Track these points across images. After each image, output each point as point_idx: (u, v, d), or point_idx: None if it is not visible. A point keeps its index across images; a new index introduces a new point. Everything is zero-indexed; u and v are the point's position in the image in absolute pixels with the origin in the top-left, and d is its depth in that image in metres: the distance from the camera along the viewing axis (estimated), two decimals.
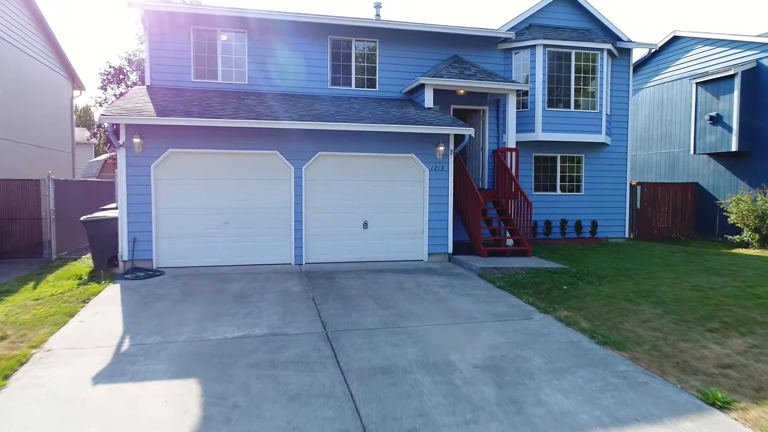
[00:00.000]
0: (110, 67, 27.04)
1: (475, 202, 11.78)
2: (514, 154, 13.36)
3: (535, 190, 15.05)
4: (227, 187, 10.67)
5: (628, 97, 15.64)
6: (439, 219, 11.60)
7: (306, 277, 9.82)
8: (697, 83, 17.47)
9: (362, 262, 11.28)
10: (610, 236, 15.55)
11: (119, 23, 72.85)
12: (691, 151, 17.85)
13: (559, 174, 15.20)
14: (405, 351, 6.00)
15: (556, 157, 15.18)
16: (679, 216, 18.12)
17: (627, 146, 15.67)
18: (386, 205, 11.45)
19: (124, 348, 6.06)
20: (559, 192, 15.22)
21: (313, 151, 10.93)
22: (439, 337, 6.49)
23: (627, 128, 15.66)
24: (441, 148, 11.32)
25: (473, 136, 10.98)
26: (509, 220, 12.57)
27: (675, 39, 18.84)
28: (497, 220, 12.95)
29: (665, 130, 19.70)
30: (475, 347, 6.14)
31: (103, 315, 7.35)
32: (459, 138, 11.90)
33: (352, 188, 11.28)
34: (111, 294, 8.49)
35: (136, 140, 9.97)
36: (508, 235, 12.70)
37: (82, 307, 7.76)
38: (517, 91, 13.36)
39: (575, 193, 15.34)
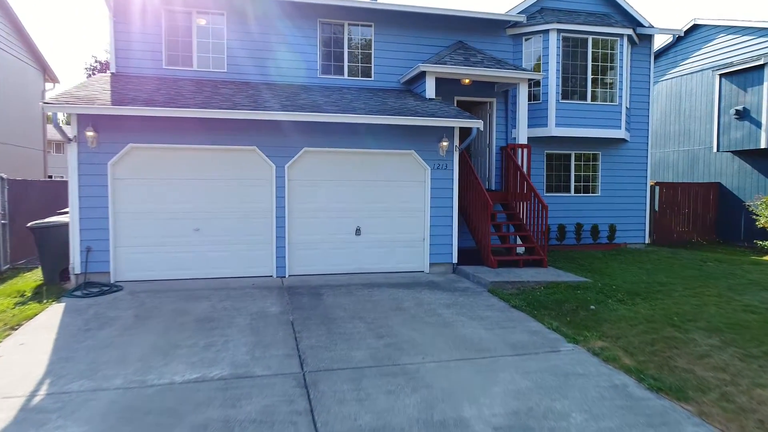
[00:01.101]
0: (96, 61, 25.61)
1: (483, 205, 10.37)
2: (525, 151, 11.96)
3: (547, 190, 13.64)
4: (198, 189, 9.25)
5: (649, 88, 14.23)
6: (442, 224, 10.18)
7: (287, 294, 8.39)
8: (721, 75, 16.07)
9: (354, 274, 9.86)
10: (629, 242, 14.14)
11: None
12: (714, 149, 16.45)
13: (573, 173, 13.80)
14: (403, 402, 4.60)
15: (570, 155, 13.78)
16: (700, 219, 16.72)
17: (647, 143, 14.27)
18: (382, 209, 10.04)
19: (37, 399, 4.64)
20: (573, 193, 13.82)
21: (297, 146, 9.51)
22: (446, 380, 5.08)
23: (647, 122, 14.26)
24: (444, 144, 9.91)
25: (481, 129, 9.58)
26: (521, 226, 11.15)
27: (695, 27, 17.44)
28: (507, 224, 11.54)
29: (683, 126, 18.31)
30: (493, 396, 4.74)
31: (29, 348, 5.92)
32: (465, 132, 10.49)
33: (342, 189, 9.86)
34: (49, 317, 7.05)
35: (90, 134, 8.54)
36: (519, 242, 11.29)
37: (8, 335, 6.33)
38: (529, 80, 11.96)
39: (591, 195, 13.93)
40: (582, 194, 13.87)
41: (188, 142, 9.11)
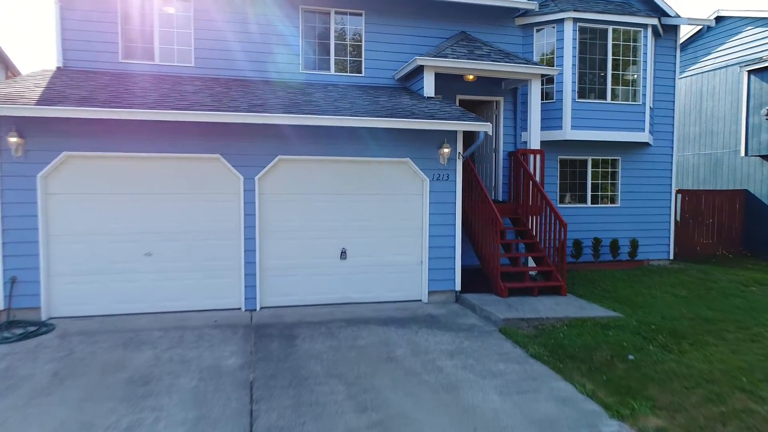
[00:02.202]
0: None
1: (491, 220, 8.83)
2: (539, 157, 10.42)
3: (561, 201, 12.11)
4: (150, 205, 7.70)
5: (674, 85, 12.70)
6: (443, 245, 8.64)
7: (254, 336, 6.85)
8: (749, 71, 14.53)
9: (339, 306, 8.31)
10: (651, 257, 12.61)
11: None
12: (741, 153, 14.92)
13: (590, 181, 12.26)
14: None
15: (586, 161, 12.25)
16: (725, 230, 15.19)
17: (672, 146, 12.74)
18: (372, 228, 8.50)
19: None
20: (589, 204, 12.28)
21: (270, 154, 7.96)
22: None
23: (672, 124, 12.73)
24: (445, 150, 8.37)
25: (489, 133, 8.06)
26: (534, 245, 9.61)
27: (718, 20, 15.89)
28: (517, 243, 9.99)
29: (705, 128, 16.78)
30: None
31: None
32: (469, 137, 8.97)
33: (324, 205, 8.31)
34: None
35: (13, 139, 6.99)
36: (532, 263, 9.76)
37: None
38: (542, 76, 10.42)
39: (610, 205, 12.40)
40: (600, 205, 12.34)
41: (138, 149, 7.56)
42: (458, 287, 8.72)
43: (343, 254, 8.39)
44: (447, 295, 8.71)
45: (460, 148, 8.57)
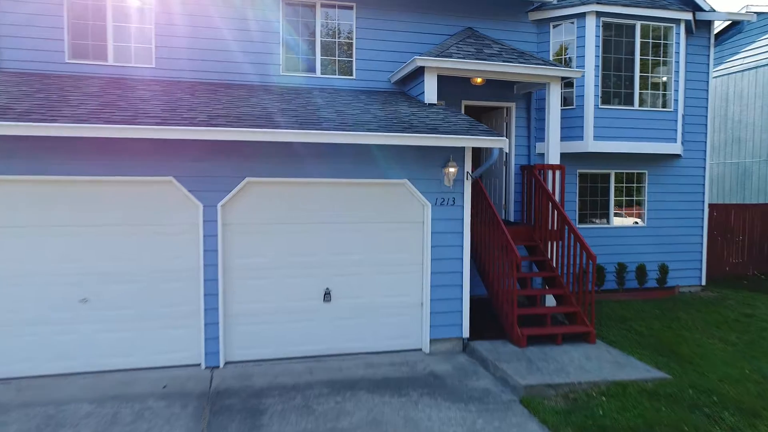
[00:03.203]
0: None
1: (503, 249, 7.37)
2: (558, 174, 8.96)
3: (581, 221, 10.64)
4: (89, 240, 6.23)
5: (707, 89, 11.23)
6: (448, 283, 7.17)
7: (209, 411, 5.37)
8: None
9: (321, 359, 6.84)
10: (681, 283, 11.14)
11: None
12: None
13: (612, 198, 10.79)
14: None
15: (608, 175, 10.77)
16: (756, 247, 13.72)
17: (705, 157, 11.26)
18: (362, 263, 7.03)
19: None
20: (612, 224, 10.81)
21: (236, 176, 6.49)
22: None
23: (705, 132, 11.25)
24: (451, 170, 6.90)
25: (506, 150, 6.61)
26: (555, 279, 8.14)
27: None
28: (535, 276, 8.51)
29: (732, 134, 15.34)
30: None
31: None
32: (479, 151, 7.50)
33: (304, 236, 6.84)
34: None
35: None
36: (553, 300, 8.30)
37: None
38: (562, 79, 8.95)
39: (635, 225, 10.93)
40: (624, 225, 10.87)
41: (74, 171, 6.09)
42: (466, 334, 7.25)
43: (327, 296, 6.92)
44: (453, 344, 7.23)
45: (468, 167, 7.10)
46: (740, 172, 15.14)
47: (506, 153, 10.03)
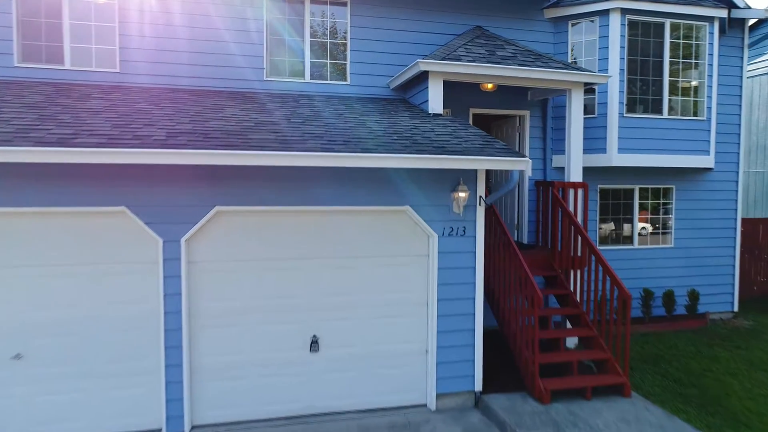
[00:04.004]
0: None
1: (521, 282, 6.28)
2: (581, 192, 7.87)
3: (601, 242, 9.54)
4: (24, 283, 5.13)
5: (740, 94, 10.13)
6: (457, 328, 6.08)
7: None
8: None
9: (306, 420, 5.74)
10: (711, 309, 10.04)
11: None
12: None
13: (636, 216, 9.70)
14: None
15: (632, 191, 9.68)
16: None
17: (738, 170, 10.16)
18: (356, 304, 5.93)
19: None
20: (637, 245, 9.72)
21: (203, 204, 5.39)
22: None
23: (738, 141, 10.14)
24: (461, 195, 5.80)
25: (529, 173, 5.52)
26: (580, 318, 7.04)
27: None
28: (557, 312, 7.42)
29: (757, 141, 14.26)
30: None
31: None
32: (491, 172, 6.41)
33: (286, 274, 5.74)
34: None
35: None
36: (577, 341, 7.21)
37: None
38: (585, 85, 7.86)
39: (661, 246, 9.84)
40: (649, 246, 9.78)
41: (5, 202, 5.00)
42: (478, 386, 6.15)
43: (314, 344, 5.82)
44: (463, 398, 6.13)
45: (481, 190, 6.00)
46: (766, 182, 14.06)
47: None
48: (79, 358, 5.26)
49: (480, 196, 5.98)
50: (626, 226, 9.69)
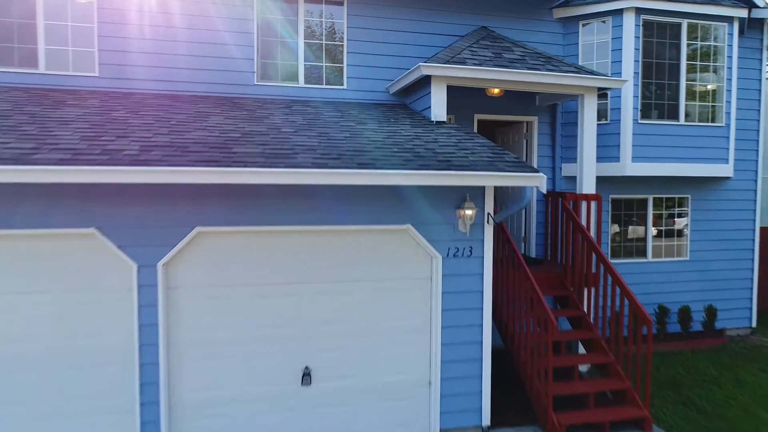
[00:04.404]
0: None
1: (532, 304, 5.76)
2: (594, 205, 7.35)
3: (613, 255, 9.02)
4: None
5: (759, 98, 9.62)
6: (463, 357, 5.56)
7: None
8: None
9: None
10: (729, 326, 9.51)
11: None
12: None
13: (650, 228, 9.17)
14: None
15: (646, 201, 9.16)
16: None
17: (756, 178, 9.65)
18: (352, 333, 5.41)
19: None
20: (650, 258, 9.19)
21: (183, 225, 4.86)
22: None
23: (757, 148, 9.64)
24: (468, 212, 5.28)
25: (543, 190, 5.00)
26: (594, 342, 6.51)
27: None
28: (570, 338, 6.90)
29: None
30: None
31: None
32: (499, 188, 5.88)
33: (276, 301, 5.22)
34: None
35: None
36: (589, 368, 6.68)
37: None
38: (599, 90, 7.34)
39: (676, 259, 9.31)
40: (663, 259, 9.25)
41: None
42: (486, 421, 5.63)
43: (306, 377, 5.29)
44: None
45: (489, 207, 5.48)
46: None
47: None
48: (40, 396, 4.73)
49: (488, 214, 5.45)
50: (639, 238, 9.17)
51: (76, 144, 4.51)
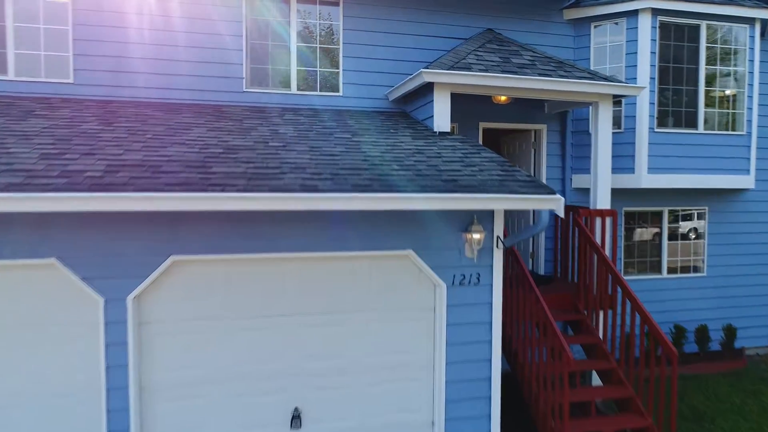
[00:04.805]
0: None
1: (544, 330, 5.23)
2: (609, 221, 6.82)
3: (626, 270, 8.50)
4: None
5: None
6: (470, 396, 5.03)
7: None
8: None
9: None
10: (747, 344, 8.98)
11: None
12: None
13: (666, 242, 8.64)
14: None
15: (661, 214, 8.63)
16: None
17: None
18: (346, 370, 4.88)
19: None
20: (666, 274, 8.66)
21: (155, 254, 4.33)
22: None
23: None
24: (476, 236, 4.75)
25: (561, 215, 4.47)
26: (612, 373, 5.97)
27: None
28: (585, 368, 6.36)
29: None
30: None
31: None
32: (511, 211, 5.35)
33: (261, 336, 4.69)
34: None
35: None
36: (607, 399, 6.14)
37: None
38: (614, 98, 6.81)
39: (693, 275, 8.79)
40: (679, 275, 8.72)
41: None
42: None
43: (296, 420, 4.76)
44: None
45: (499, 229, 4.95)
46: None
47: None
48: None
49: (498, 237, 4.93)
50: (653, 253, 8.64)
51: (32, 164, 3.97)
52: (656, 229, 8.63)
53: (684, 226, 8.74)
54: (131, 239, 4.25)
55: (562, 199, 4.35)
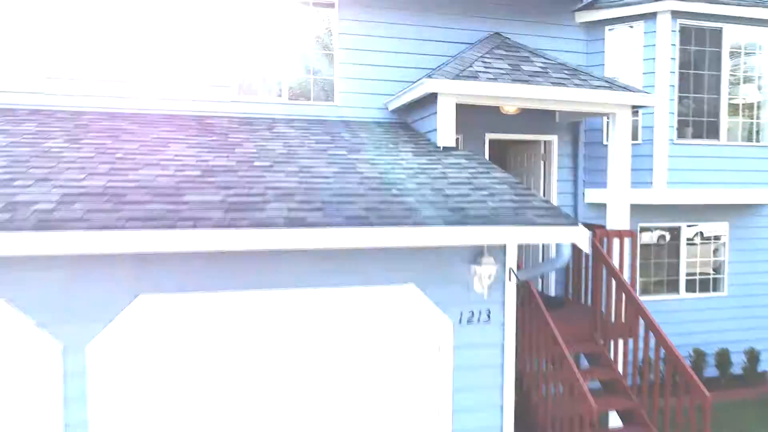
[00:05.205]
0: None
1: (558, 364, 4.69)
2: (628, 242, 6.26)
3: (642, 291, 7.96)
4: None
5: None
6: None
7: None
8: None
9: None
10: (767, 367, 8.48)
11: None
12: None
13: (685, 260, 8.10)
14: None
15: (678, 231, 8.09)
16: None
17: None
18: (336, 421, 4.33)
19: None
20: (684, 293, 8.13)
21: (121, 292, 3.78)
22: None
23: None
24: (486, 269, 4.20)
25: (587, 251, 3.91)
26: (635, 413, 5.43)
27: None
28: (604, 408, 5.81)
29: None
30: None
31: None
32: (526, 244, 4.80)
33: (240, 385, 4.14)
34: None
35: None
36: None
37: None
38: (633, 108, 6.27)
39: (712, 294, 8.25)
40: (698, 294, 8.19)
41: None
42: None
43: None
44: None
45: (512, 261, 4.40)
46: None
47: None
48: None
49: (510, 269, 4.38)
50: (671, 272, 8.10)
51: None
52: (674, 246, 8.09)
53: (703, 243, 8.20)
54: (92, 278, 3.70)
55: (587, 232, 3.80)
